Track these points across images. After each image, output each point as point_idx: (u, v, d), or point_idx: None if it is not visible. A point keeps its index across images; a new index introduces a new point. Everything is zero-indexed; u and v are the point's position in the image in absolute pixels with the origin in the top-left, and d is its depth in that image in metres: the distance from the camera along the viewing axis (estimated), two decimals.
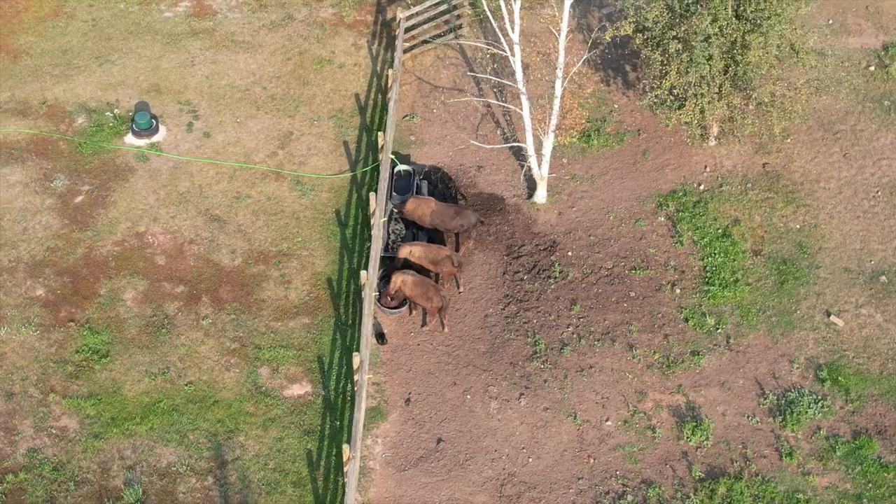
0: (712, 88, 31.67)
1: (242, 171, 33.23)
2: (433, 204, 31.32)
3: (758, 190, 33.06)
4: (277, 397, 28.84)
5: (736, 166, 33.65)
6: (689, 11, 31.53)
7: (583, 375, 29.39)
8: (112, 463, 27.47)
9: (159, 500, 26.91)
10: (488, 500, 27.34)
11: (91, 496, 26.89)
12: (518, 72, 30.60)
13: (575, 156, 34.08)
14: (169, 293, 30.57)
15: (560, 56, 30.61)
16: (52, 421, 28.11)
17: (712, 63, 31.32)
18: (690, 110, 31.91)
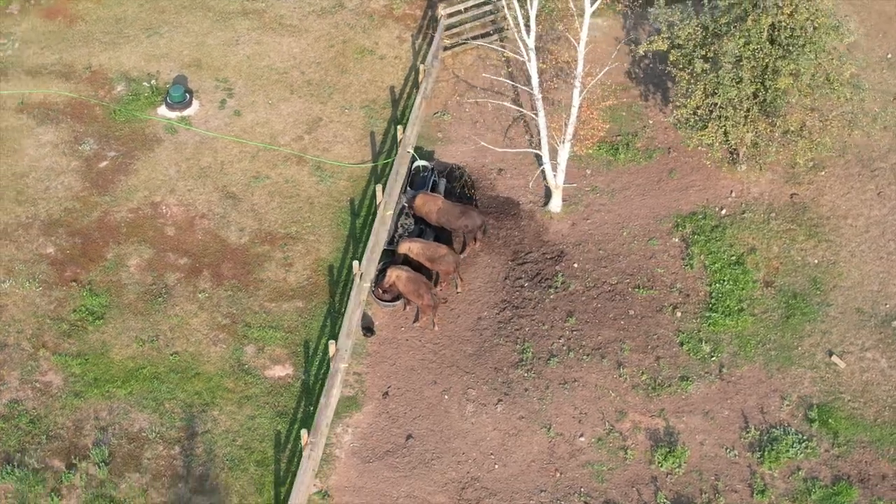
0: (739, 112, 31.03)
1: (265, 151, 33.75)
2: (440, 202, 31.37)
3: (781, 220, 32.30)
4: (258, 376, 29.24)
5: (763, 194, 32.94)
6: (722, 32, 30.95)
7: (565, 388, 29.13)
8: (86, 422, 28.20)
9: (123, 463, 27.54)
10: (447, 501, 27.31)
11: (60, 451, 27.65)
12: (534, 77, 30.46)
13: (600, 168, 33.75)
14: (172, 264, 31.24)
15: (578, 65, 30.37)
16: (38, 375, 28.99)
17: (741, 86, 30.70)
18: (713, 132, 31.35)
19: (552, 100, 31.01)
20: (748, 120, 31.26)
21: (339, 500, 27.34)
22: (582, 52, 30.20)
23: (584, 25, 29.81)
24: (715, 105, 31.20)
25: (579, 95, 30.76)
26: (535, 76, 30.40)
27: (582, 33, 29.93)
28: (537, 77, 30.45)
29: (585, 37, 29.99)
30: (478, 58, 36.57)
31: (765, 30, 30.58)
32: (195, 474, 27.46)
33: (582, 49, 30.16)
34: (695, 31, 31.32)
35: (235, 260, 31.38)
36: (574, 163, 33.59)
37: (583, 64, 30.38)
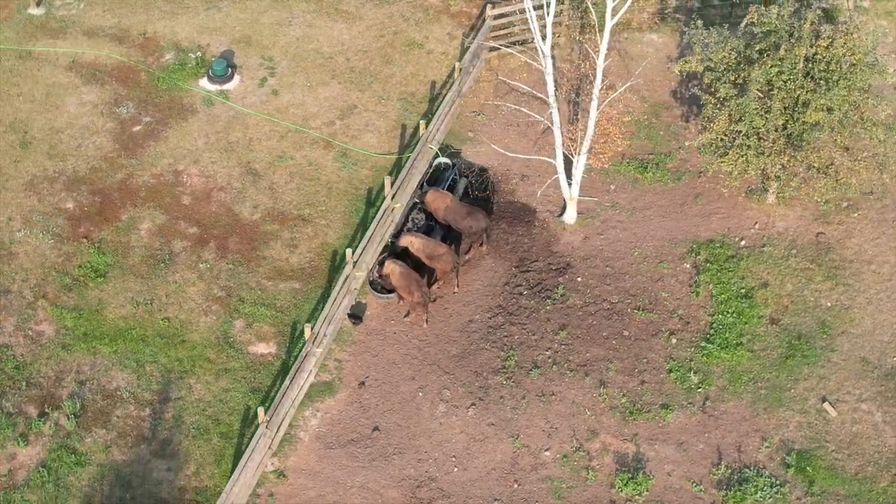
0: (763, 142, 30.27)
1: (295, 132, 34.26)
2: (449, 200, 31.40)
3: (801, 258, 31.41)
4: (241, 351, 29.74)
5: (788, 229, 32.07)
6: (754, 59, 30.25)
7: (541, 401, 28.88)
8: (67, 374, 29.10)
9: (93, 418, 28.33)
10: (399, 497, 27.36)
11: (36, 399, 28.60)
12: (549, 85, 30.23)
13: (625, 184, 33.32)
14: (181, 232, 31.97)
15: (597, 78, 30.04)
16: (32, 324, 30.02)
17: (769, 116, 29.95)
18: (732, 160, 30.65)
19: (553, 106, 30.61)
20: (773, 151, 30.43)
21: (293, 481, 27.63)
22: (601, 65, 29.84)
23: (605, 38, 29.49)
24: (739, 133, 30.47)
25: (597, 109, 30.39)
26: (551, 84, 30.17)
27: (602, 46, 29.59)
28: (552, 85, 30.19)
29: (605, 49, 29.62)
30: (525, 62, 36.33)
31: (800, 60, 29.75)
32: (159, 438, 28.08)
33: (601, 62, 29.81)
34: (728, 55, 30.62)
35: (243, 235, 31.93)
36: (599, 176, 33.23)
37: (601, 77, 29.99)
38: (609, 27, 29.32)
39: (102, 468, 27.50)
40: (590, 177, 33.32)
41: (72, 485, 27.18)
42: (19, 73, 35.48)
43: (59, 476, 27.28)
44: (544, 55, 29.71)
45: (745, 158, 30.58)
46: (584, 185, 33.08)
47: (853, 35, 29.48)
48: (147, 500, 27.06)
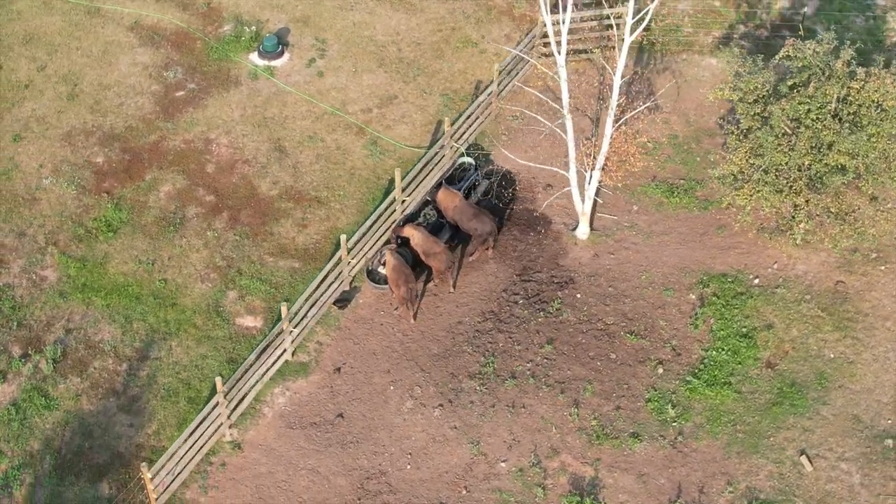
0: (781, 180, 29.40)
1: (331, 116, 34.70)
2: (458, 199, 31.39)
3: (814, 304, 30.39)
4: (227, 321, 30.33)
5: (807, 273, 31.05)
6: (783, 93, 29.44)
7: (510, 411, 28.65)
8: (58, 321, 30.15)
9: (72, 366, 29.29)
10: (345, 485, 27.53)
11: (22, 340, 29.72)
12: (564, 95, 29.90)
13: (648, 207, 32.75)
14: (198, 198, 32.77)
15: (613, 95, 29.65)
16: (38, 268, 31.20)
17: (792, 154, 29.08)
18: (747, 194, 29.83)
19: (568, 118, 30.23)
20: (792, 191, 29.50)
21: (247, 454, 28.06)
22: (617, 82, 29.44)
23: (622, 55, 29.09)
24: (758, 167, 29.63)
25: (612, 126, 29.97)
26: (566, 95, 29.83)
27: (619, 62, 29.16)
28: (567, 96, 29.85)
29: (622, 66, 29.20)
30: (576, 71, 36.06)
31: (830, 100, 28.81)
32: (129, 394, 28.85)
33: (618, 79, 29.40)
34: (759, 87, 29.82)
35: (257, 209, 32.52)
36: (624, 195, 32.77)
37: (617, 94, 29.59)
38: (627, 43, 28.91)
39: (68, 415, 28.39)
40: (614, 195, 32.86)
41: (36, 426, 28.14)
42: (84, 28, 36.83)
43: (26, 416, 28.27)
44: (559, 65, 29.35)
45: (761, 194, 29.71)
46: (608, 202, 32.66)
47: (886, 80, 28.34)
48: (103, 452, 27.82)
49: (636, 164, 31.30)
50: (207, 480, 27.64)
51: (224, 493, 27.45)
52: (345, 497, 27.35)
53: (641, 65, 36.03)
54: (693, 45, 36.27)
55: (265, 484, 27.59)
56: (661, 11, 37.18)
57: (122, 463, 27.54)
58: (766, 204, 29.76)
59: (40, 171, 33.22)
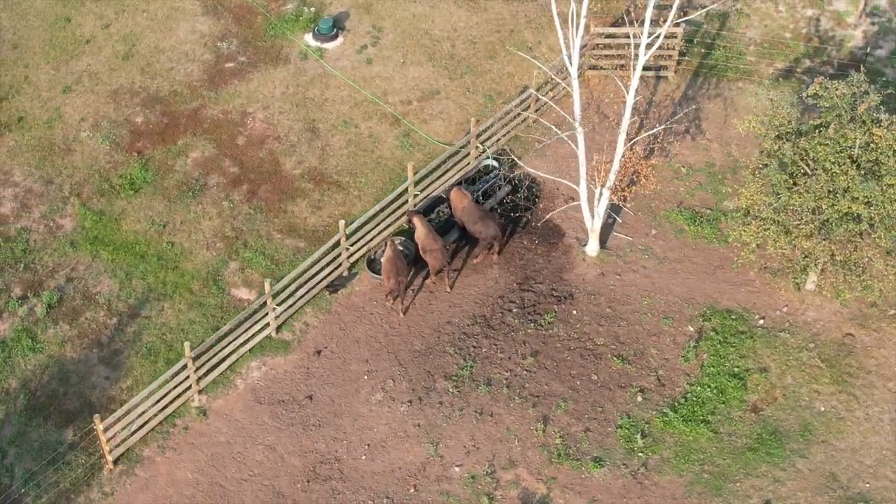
0: (791, 220, 28.62)
1: (369, 103, 35.12)
2: (466, 201, 31.45)
3: (816, 354, 29.51)
4: (222, 290, 31.05)
5: (816, 321, 30.16)
6: (804, 131, 28.68)
7: (476, 417, 28.62)
8: (62, 269, 31.34)
9: (65, 313, 30.41)
10: (298, 466, 27.91)
11: (25, 282, 30.98)
12: (576, 108, 29.64)
13: (668, 232, 32.25)
14: (223, 168, 33.60)
15: (626, 113, 29.31)
16: (56, 216, 32.48)
17: (807, 196, 28.29)
18: (754, 231, 29.10)
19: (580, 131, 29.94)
20: (801, 234, 28.65)
21: (211, 421, 28.69)
22: (630, 101, 29.07)
23: (636, 73, 28.71)
24: (769, 205, 28.88)
25: (623, 145, 29.63)
26: (578, 108, 29.56)
27: (633, 80, 28.81)
28: (580, 109, 29.59)
29: (636, 84, 28.82)
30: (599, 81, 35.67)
31: (851, 145, 27.94)
32: (112, 347, 29.81)
33: (631, 98, 29.04)
34: (784, 123, 29.08)
35: (276, 186, 33.16)
36: (645, 217, 32.36)
37: (630, 113, 29.26)
38: (642, 62, 28.51)
39: (50, 359, 29.49)
40: (635, 216, 32.46)
41: (18, 365, 29.32)
42: None
43: (10, 355, 29.49)
44: (572, 76, 29.13)
45: (769, 233, 28.94)
46: (627, 222, 32.30)
47: None
48: (76, 399, 28.81)
49: (648, 185, 30.78)
50: (167, 441, 28.34)
51: (180, 455, 28.11)
52: (295, 477, 27.70)
53: (694, 88, 35.40)
54: (752, 75, 35.46)
55: (221, 453, 28.15)
56: (729, 35, 36.49)
57: (91, 412, 28.43)
58: (772, 244, 28.94)
59: (80, 123, 34.50)
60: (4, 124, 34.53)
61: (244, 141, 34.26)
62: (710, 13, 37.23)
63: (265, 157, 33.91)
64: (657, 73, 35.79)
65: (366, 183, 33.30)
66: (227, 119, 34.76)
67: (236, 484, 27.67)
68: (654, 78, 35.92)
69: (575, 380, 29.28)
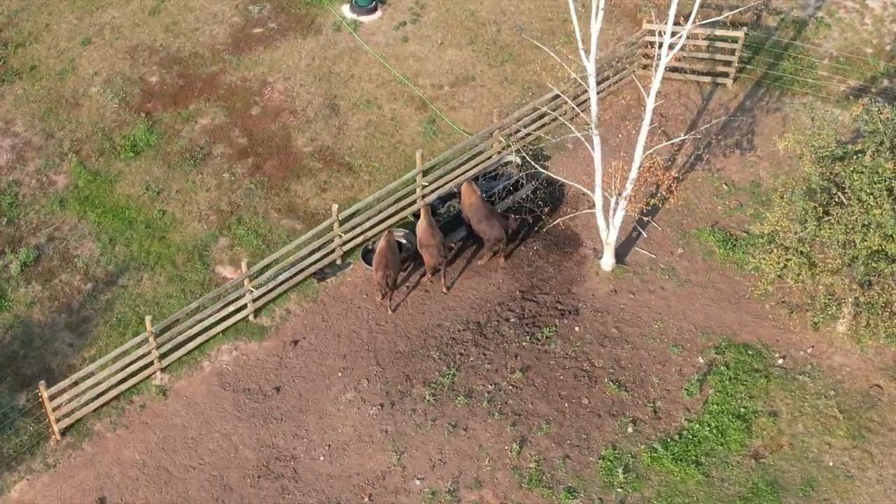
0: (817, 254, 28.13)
1: (397, 84, 35.46)
2: (474, 197, 31.56)
3: (834, 403, 28.97)
4: (207, 266, 31.70)
5: (843, 367, 29.59)
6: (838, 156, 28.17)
7: (449, 430, 28.71)
8: (46, 227, 32.33)
9: (40, 273, 31.37)
10: (251, 459, 28.33)
11: (5, 237, 32.04)
12: (593, 108, 29.50)
13: (695, 253, 31.93)
14: (230, 139, 34.28)
15: (645, 119, 29.13)
16: (51, 172, 33.54)
17: (836, 228, 27.77)
18: (773, 260, 28.65)
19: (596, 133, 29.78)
20: (826, 269, 28.11)
21: (170, 402, 29.32)
22: (650, 106, 28.87)
23: (658, 75, 28.51)
24: (795, 234, 28.39)
25: (642, 152, 29.42)
26: (595, 107, 29.42)
27: (654, 82, 28.59)
28: (596, 109, 29.44)
29: (657, 86, 28.61)
30: (676, 91, 35.40)
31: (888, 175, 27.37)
32: (81, 314, 30.66)
33: (651, 102, 28.82)
34: (824, 145, 28.55)
35: (283, 162, 33.70)
36: (674, 234, 32.19)
37: (650, 118, 29.02)
38: (664, 63, 28.25)
39: (17, 319, 30.46)
40: (662, 231, 32.23)
41: None
42: None
43: None
44: (588, 73, 29.02)
45: (790, 265, 28.44)
46: (653, 238, 32.10)
47: None
48: (35, 363, 29.70)
49: (671, 199, 30.48)
50: (121, 418, 29.04)
51: (132, 434, 28.78)
52: (245, 470, 28.14)
53: (753, 99, 34.91)
54: (820, 91, 34.82)
55: (174, 437, 28.74)
56: (802, 46, 35.90)
57: (50, 379, 29.21)
58: (793, 277, 28.43)
59: (93, 78, 35.51)
60: (16, 71, 35.67)
61: (258, 111, 34.84)
62: (786, 20, 36.62)
63: (277, 130, 34.44)
64: (714, 80, 35.34)
65: (379, 168, 33.58)
66: (245, 87, 35.39)
67: (183, 471, 28.19)
68: (712, 84, 35.48)
69: (563, 401, 29.14)
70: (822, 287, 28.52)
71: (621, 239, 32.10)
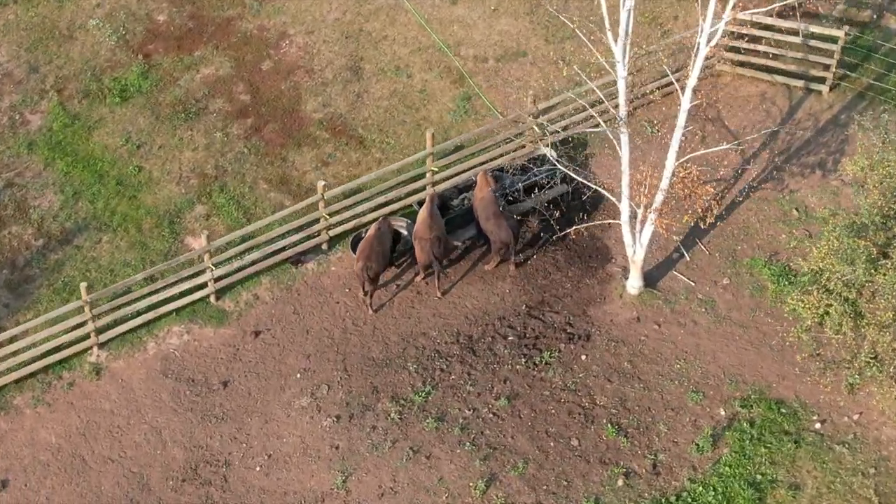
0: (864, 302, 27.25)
1: (436, 51, 35.27)
2: (487, 191, 31.22)
3: (872, 483, 27.86)
4: (175, 235, 31.95)
5: (892, 441, 28.47)
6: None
7: (409, 455, 28.35)
8: (8, 171, 33.02)
9: None
10: (179, 459, 28.36)
11: None
12: (621, 101, 28.81)
13: (743, 286, 31.10)
14: (232, 94, 34.51)
15: (679, 122, 28.45)
16: (27, 111, 34.42)
17: (890, 276, 26.85)
18: (813, 305, 27.75)
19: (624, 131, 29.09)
20: (873, 322, 27.13)
21: (102, 384, 29.58)
22: (686, 105, 28.14)
23: (695, 69, 27.78)
24: (840, 276, 27.47)
25: (675, 159, 28.72)
26: (623, 99, 28.73)
27: (691, 77, 27.87)
28: (626, 102, 28.76)
29: (694, 81, 27.90)
30: (760, 94, 34.56)
31: None
32: (25, 273, 31.13)
33: (686, 101, 28.10)
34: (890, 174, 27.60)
35: (286, 127, 33.83)
36: (722, 261, 31.60)
37: (685, 119, 28.31)
38: (702, 55, 27.52)
39: None
40: (709, 256, 31.57)
41: None
42: None
43: None
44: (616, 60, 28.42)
45: (832, 312, 27.47)
46: (697, 263, 31.57)
47: None
48: None
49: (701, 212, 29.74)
50: (45, 394, 29.42)
51: (53, 414, 29.12)
52: (170, 471, 28.23)
53: (850, 112, 33.79)
54: None
55: (99, 423, 29.00)
56: None
57: None
58: (832, 326, 27.45)
59: (94, 9, 36.09)
60: None
61: (270, 67, 34.99)
62: None
63: (287, 90, 34.54)
64: (807, 86, 34.34)
65: (394, 146, 33.47)
66: (261, 37, 35.56)
67: (101, 462, 28.42)
68: (804, 90, 34.50)
69: (549, 440, 28.60)
70: (868, 344, 27.41)
71: (657, 259, 31.43)
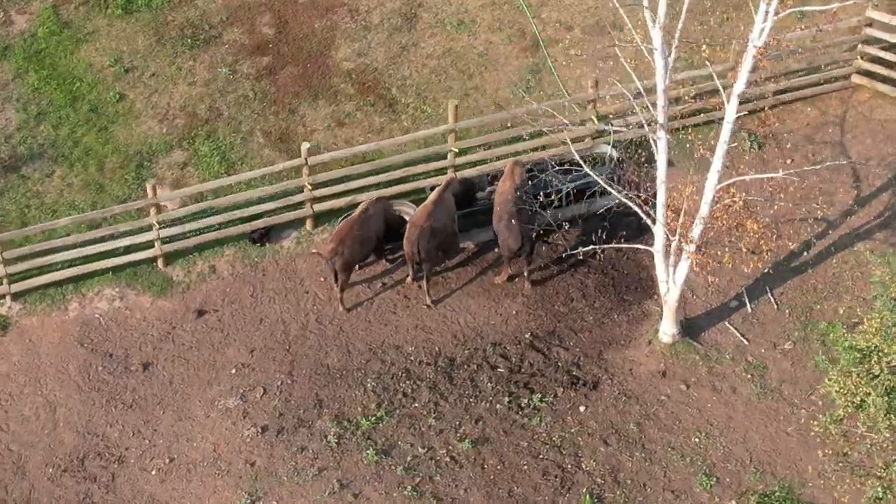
0: None
1: (514, 11, 35.71)
2: (508, 186, 31.17)
3: None
4: (139, 181, 32.65)
5: None
6: None
7: (334, 490, 28.09)
8: None
9: None
10: (68, 446, 28.69)
11: None
12: (660, 102, 28.19)
13: (808, 354, 30.38)
14: (254, 26, 35.70)
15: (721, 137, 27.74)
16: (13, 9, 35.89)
17: None
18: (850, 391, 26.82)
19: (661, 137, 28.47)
20: None
21: (7, 341, 30.48)
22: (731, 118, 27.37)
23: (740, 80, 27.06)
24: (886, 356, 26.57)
25: (716, 182, 28.01)
26: (662, 94, 28.09)
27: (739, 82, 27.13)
28: (664, 98, 28.08)
29: (742, 86, 27.17)
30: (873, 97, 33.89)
31: None
32: None
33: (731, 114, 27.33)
34: None
35: (307, 73, 34.67)
36: (792, 319, 31.19)
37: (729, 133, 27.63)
38: (751, 53, 26.79)
39: None
40: (777, 311, 31.19)
41: None
42: None
43: None
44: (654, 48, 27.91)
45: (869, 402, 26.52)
46: (760, 316, 31.16)
47: None
48: None
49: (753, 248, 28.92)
50: None
51: None
52: (52, 457, 28.73)
53: None
54: None
55: None
56: None
57: None
58: (866, 420, 26.43)
59: None
60: None
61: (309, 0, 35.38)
62: None
63: (320, 30, 35.00)
64: None
65: (430, 115, 33.81)
66: None
67: None
68: None
69: (510, 498, 28.28)
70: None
71: (710, 304, 30.98)
